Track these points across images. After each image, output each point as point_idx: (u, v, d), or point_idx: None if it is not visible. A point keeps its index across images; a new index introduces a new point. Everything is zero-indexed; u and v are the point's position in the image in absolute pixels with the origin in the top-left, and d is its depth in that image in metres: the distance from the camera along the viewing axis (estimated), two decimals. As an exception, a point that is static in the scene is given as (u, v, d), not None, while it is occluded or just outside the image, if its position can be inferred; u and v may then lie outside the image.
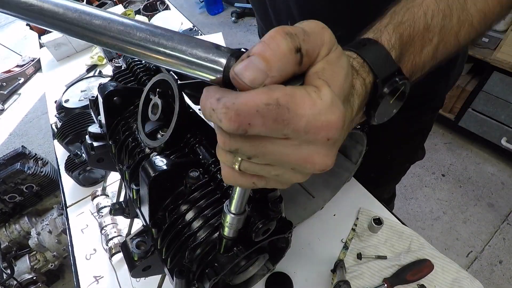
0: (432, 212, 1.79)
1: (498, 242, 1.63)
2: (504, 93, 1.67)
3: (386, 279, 0.63)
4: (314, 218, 0.75)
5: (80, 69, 1.40)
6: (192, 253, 0.39)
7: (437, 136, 2.16)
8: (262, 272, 0.53)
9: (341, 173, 0.75)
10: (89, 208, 0.88)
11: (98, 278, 0.73)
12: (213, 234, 0.39)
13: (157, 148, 0.45)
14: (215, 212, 0.40)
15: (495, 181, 1.88)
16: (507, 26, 1.55)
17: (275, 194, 0.43)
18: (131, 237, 0.45)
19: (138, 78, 0.59)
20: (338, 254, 0.69)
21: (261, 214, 0.39)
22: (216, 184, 0.43)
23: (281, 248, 0.50)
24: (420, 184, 1.93)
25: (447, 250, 1.63)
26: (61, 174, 0.97)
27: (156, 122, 0.47)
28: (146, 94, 0.48)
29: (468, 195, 1.84)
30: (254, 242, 0.40)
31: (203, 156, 0.45)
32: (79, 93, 1.06)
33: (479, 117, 1.84)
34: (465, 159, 2.01)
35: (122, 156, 0.52)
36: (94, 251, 0.78)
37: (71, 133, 0.89)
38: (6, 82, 3.16)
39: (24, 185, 1.54)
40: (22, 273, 1.51)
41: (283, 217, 0.45)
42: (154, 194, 0.41)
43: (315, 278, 0.66)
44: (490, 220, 1.72)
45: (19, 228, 1.60)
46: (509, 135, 1.76)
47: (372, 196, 0.78)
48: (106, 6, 1.63)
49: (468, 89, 1.86)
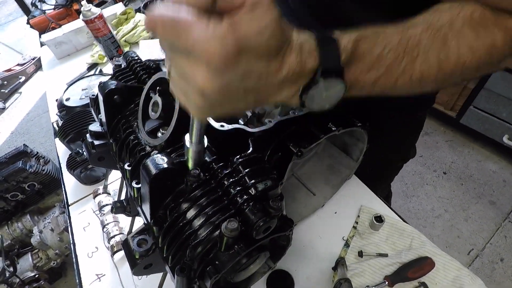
0: (434, 210, 1.79)
1: (500, 240, 1.63)
2: (506, 91, 1.66)
3: (387, 276, 0.63)
4: (315, 216, 0.75)
5: (80, 68, 1.40)
6: (193, 251, 0.39)
7: (438, 133, 2.15)
8: (263, 270, 0.53)
9: (342, 170, 0.75)
10: (91, 206, 0.88)
11: (100, 276, 0.74)
12: (214, 232, 0.39)
13: (158, 146, 0.45)
14: (215, 210, 0.40)
15: (496, 178, 1.87)
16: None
17: (276, 192, 0.43)
18: (133, 235, 0.45)
19: (139, 76, 0.59)
20: (339, 252, 0.69)
21: (262, 212, 0.39)
22: (216, 182, 0.43)
23: (282, 246, 0.50)
24: (421, 182, 1.93)
25: (448, 248, 1.63)
26: (63, 172, 0.98)
27: (157, 120, 0.47)
28: (146, 93, 0.48)
29: (469, 193, 1.84)
30: (255, 240, 0.40)
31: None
32: (80, 91, 1.06)
33: (480, 114, 1.83)
34: (467, 157, 2.00)
35: (122, 154, 0.52)
36: (96, 249, 0.79)
37: (73, 132, 0.89)
38: (7, 81, 3.16)
39: (26, 183, 1.55)
40: (25, 271, 1.52)
41: (284, 215, 0.45)
42: (155, 192, 0.41)
43: (316, 276, 0.66)
44: (492, 218, 1.72)
45: (22, 226, 1.60)
46: (511, 133, 1.76)
47: (373, 194, 0.78)
48: (106, 4, 1.63)
49: (469, 87, 1.85)
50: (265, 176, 0.43)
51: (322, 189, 0.76)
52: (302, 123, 0.54)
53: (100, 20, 1.20)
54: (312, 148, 0.52)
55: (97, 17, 1.18)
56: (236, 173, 0.43)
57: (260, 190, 0.41)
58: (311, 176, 0.78)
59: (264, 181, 0.42)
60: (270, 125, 0.49)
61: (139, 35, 1.42)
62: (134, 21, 1.42)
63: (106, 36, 1.24)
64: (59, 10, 1.62)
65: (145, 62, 0.61)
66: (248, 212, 0.39)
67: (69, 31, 1.43)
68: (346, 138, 0.70)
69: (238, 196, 0.41)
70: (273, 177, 0.43)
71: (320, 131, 0.54)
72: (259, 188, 0.41)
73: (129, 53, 0.65)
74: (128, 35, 1.41)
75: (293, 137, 0.52)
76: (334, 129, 0.54)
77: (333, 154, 0.76)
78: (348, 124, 0.57)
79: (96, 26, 1.20)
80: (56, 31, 1.46)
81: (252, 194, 0.41)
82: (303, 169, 0.79)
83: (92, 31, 1.22)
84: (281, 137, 0.52)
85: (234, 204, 0.41)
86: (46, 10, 1.61)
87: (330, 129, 0.54)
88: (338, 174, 0.76)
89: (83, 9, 1.18)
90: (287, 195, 0.75)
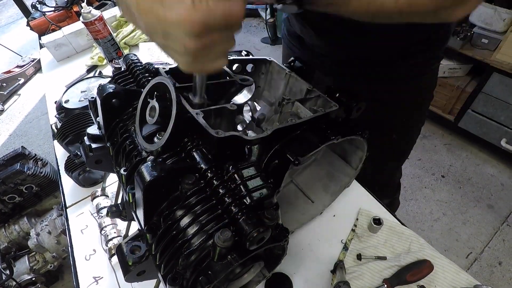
0: (432, 213, 1.79)
1: (498, 244, 1.63)
2: (503, 94, 1.67)
3: (386, 279, 0.63)
4: (313, 219, 0.75)
5: (80, 70, 1.41)
6: (186, 260, 0.39)
7: (437, 137, 2.16)
8: (257, 279, 0.52)
9: (341, 178, 0.74)
10: (88, 209, 0.88)
11: (98, 279, 0.73)
12: (208, 241, 0.38)
13: (154, 151, 0.45)
14: (210, 219, 0.40)
15: (494, 182, 1.88)
16: (507, 27, 1.56)
17: (271, 201, 0.42)
18: (126, 241, 0.44)
19: (138, 80, 0.59)
20: (338, 255, 0.69)
21: (256, 222, 0.38)
22: (211, 190, 0.42)
23: (277, 255, 0.49)
24: (420, 185, 1.93)
25: (446, 251, 1.63)
26: (61, 175, 0.97)
27: (154, 125, 0.46)
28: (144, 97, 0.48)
29: (467, 197, 1.84)
30: (249, 250, 0.39)
31: (200, 161, 0.45)
32: (79, 93, 1.06)
33: (478, 118, 1.84)
34: (465, 160, 2.01)
35: (119, 158, 0.52)
36: (94, 252, 0.78)
37: (71, 134, 0.89)
38: (6, 83, 3.16)
39: (23, 185, 1.54)
40: (21, 274, 1.51)
41: (279, 224, 0.45)
42: (149, 199, 0.41)
43: (314, 279, 0.66)
44: (490, 221, 1.72)
45: (19, 229, 1.60)
46: (509, 136, 1.77)
47: (372, 197, 0.78)
48: (106, 6, 1.63)
49: (467, 90, 1.86)
50: (261, 185, 0.42)
51: (321, 197, 0.76)
52: (300, 131, 0.53)
53: (100, 22, 1.20)
54: (310, 155, 0.51)
55: (97, 19, 1.19)
56: (231, 182, 0.42)
57: (255, 200, 0.40)
58: (310, 183, 0.77)
59: (259, 190, 0.41)
60: (267, 133, 0.48)
61: (139, 37, 1.42)
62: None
63: (106, 39, 1.25)
64: (59, 12, 1.63)
65: (145, 65, 0.61)
66: (242, 222, 0.38)
67: (69, 33, 1.44)
68: (345, 145, 0.70)
69: (232, 205, 0.40)
70: (269, 186, 0.43)
71: (319, 139, 0.52)
72: (254, 197, 0.41)
73: (129, 56, 0.64)
74: (128, 38, 1.41)
75: (291, 145, 0.51)
76: (333, 137, 0.53)
77: (333, 162, 0.75)
78: (347, 133, 0.56)
79: (96, 28, 1.20)
80: (56, 33, 1.46)
81: (247, 203, 0.40)
82: (302, 175, 0.79)
83: (92, 33, 1.23)
84: (279, 145, 0.51)
85: (229, 213, 0.40)
86: (46, 12, 1.61)
87: (329, 138, 0.52)
88: (337, 182, 0.75)
89: (83, 11, 1.19)
90: (285, 202, 0.75)
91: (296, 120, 0.52)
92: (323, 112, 0.56)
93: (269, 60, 0.72)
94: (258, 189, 0.42)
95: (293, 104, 0.64)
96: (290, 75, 0.67)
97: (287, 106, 0.65)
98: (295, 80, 0.66)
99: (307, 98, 0.64)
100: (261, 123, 0.66)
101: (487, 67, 1.66)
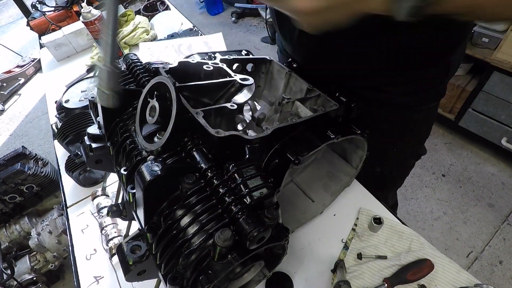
0: (432, 212, 1.79)
1: (499, 243, 1.63)
2: (504, 93, 1.67)
3: (387, 279, 0.63)
4: (314, 218, 0.75)
5: (80, 70, 1.41)
6: (186, 259, 0.39)
7: (437, 136, 2.16)
8: (258, 278, 0.52)
9: (341, 178, 0.74)
10: (89, 208, 0.88)
11: (99, 279, 0.73)
12: (208, 241, 0.38)
13: (154, 151, 0.45)
14: (210, 219, 0.40)
15: (495, 181, 1.88)
16: (507, 26, 1.55)
17: (272, 201, 0.42)
18: (127, 241, 0.45)
19: (138, 79, 0.59)
20: (338, 254, 0.69)
21: (256, 221, 0.38)
22: (212, 189, 0.42)
23: (278, 255, 0.49)
24: (420, 184, 1.93)
25: (447, 250, 1.63)
26: (61, 174, 0.97)
27: (154, 125, 0.46)
28: (144, 97, 0.48)
29: (468, 195, 1.84)
30: (249, 250, 0.39)
31: (200, 160, 0.45)
32: (79, 93, 1.06)
33: (479, 117, 1.84)
34: (465, 159, 2.01)
35: (119, 158, 0.52)
36: (95, 251, 0.78)
37: (71, 133, 0.89)
38: (7, 83, 3.16)
39: (24, 185, 1.55)
40: (22, 274, 1.51)
41: (280, 223, 0.44)
42: (149, 199, 0.41)
43: (315, 278, 0.66)
44: (490, 220, 1.72)
45: (19, 229, 1.60)
46: (509, 135, 1.76)
47: (372, 196, 0.78)
48: (106, 6, 1.63)
49: (468, 89, 1.85)
50: (261, 184, 0.42)
51: (321, 196, 0.76)
52: (300, 130, 0.53)
53: (100, 22, 1.20)
54: (310, 155, 0.51)
55: (97, 19, 1.19)
56: (231, 181, 0.42)
57: (255, 199, 0.40)
58: (310, 183, 0.77)
59: (259, 190, 0.41)
60: (267, 132, 0.48)
61: (138, 37, 1.42)
62: (134, 23, 1.43)
63: (106, 38, 1.25)
64: (59, 12, 1.63)
65: (145, 65, 0.61)
66: (242, 222, 0.38)
67: (69, 33, 1.44)
68: (345, 144, 0.70)
69: (232, 205, 0.40)
70: (269, 185, 0.43)
71: (319, 138, 0.52)
72: (254, 197, 0.40)
73: (129, 55, 0.64)
74: (128, 37, 1.41)
75: (291, 145, 0.50)
76: (333, 136, 0.52)
77: (333, 161, 0.75)
78: (347, 132, 0.56)
79: (96, 28, 1.20)
80: (56, 33, 1.46)
81: (247, 203, 0.40)
82: (302, 175, 0.78)
83: (92, 33, 1.23)
84: (279, 145, 0.51)
85: (229, 212, 0.40)
86: (46, 12, 1.61)
87: (329, 137, 0.52)
88: (338, 181, 0.75)
89: (83, 11, 1.19)
90: (286, 202, 0.75)
91: (296, 120, 0.52)
92: (323, 111, 0.56)
93: (269, 60, 0.72)
94: (258, 189, 0.41)
95: (293, 104, 0.64)
96: (290, 74, 0.67)
97: (287, 105, 0.65)
98: (295, 79, 0.66)
99: (307, 98, 0.64)
100: (261, 122, 0.66)
101: (487, 66, 1.66)
